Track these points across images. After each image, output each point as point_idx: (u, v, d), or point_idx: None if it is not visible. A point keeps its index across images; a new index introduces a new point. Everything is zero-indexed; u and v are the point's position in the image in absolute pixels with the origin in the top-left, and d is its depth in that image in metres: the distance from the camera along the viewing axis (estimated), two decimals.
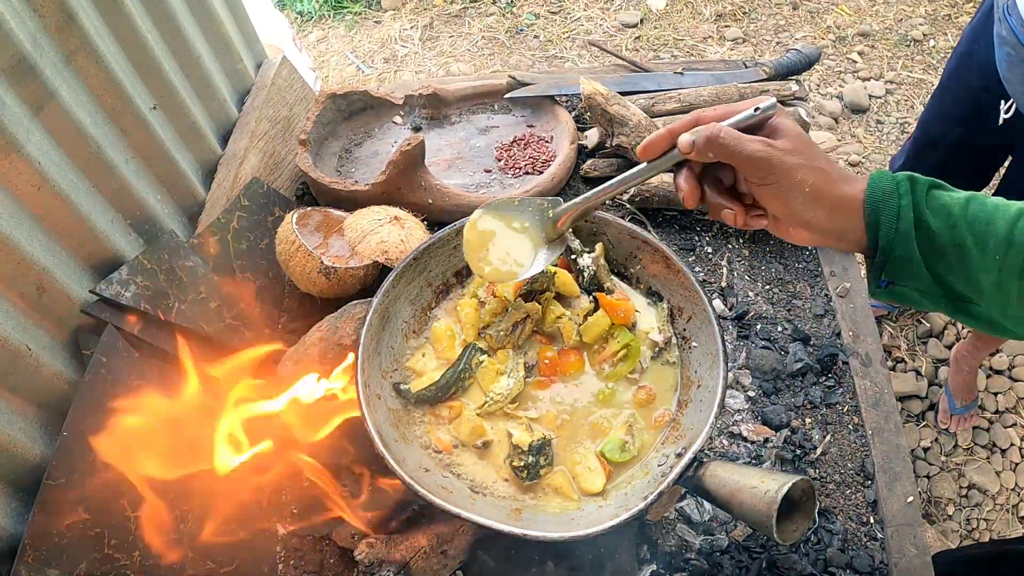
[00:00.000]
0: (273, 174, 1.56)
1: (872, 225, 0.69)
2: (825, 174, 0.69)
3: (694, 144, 0.70)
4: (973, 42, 1.53)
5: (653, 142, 0.74)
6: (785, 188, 0.69)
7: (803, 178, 0.68)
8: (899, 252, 0.68)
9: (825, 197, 0.69)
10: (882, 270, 0.70)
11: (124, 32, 1.24)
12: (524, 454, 0.97)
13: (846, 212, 0.70)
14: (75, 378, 1.05)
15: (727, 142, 0.68)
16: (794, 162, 0.68)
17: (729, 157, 0.69)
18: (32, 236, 1.01)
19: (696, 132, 0.70)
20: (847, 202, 0.69)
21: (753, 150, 0.68)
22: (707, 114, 0.73)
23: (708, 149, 0.70)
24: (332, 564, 1.08)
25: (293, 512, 1.14)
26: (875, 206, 0.69)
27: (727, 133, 0.69)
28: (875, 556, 1.07)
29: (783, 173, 0.68)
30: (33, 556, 0.89)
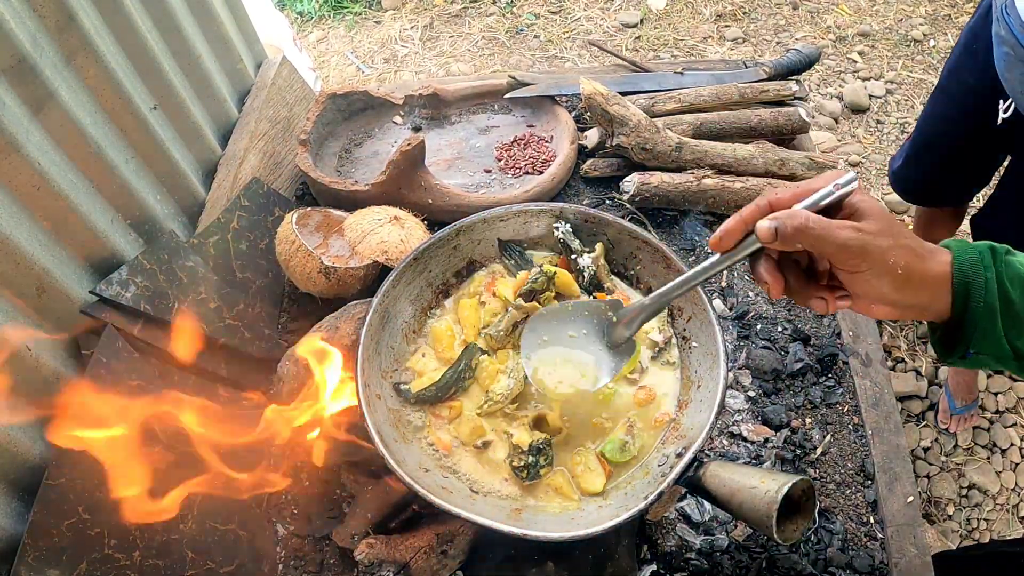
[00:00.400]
0: (273, 174, 1.56)
1: (961, 299, 0.67)
2: (914, 252, 0.66)
3: (777, 233, 0.66)
4: (971, 42, 1.53)
5: (727, 232, 0.70)
6: (876, 272, 0.66)
7: (895, 260, 0.65)
8: (984, 324, 0.67)
9: (915, 276, 0.66)
10: (969, 342, 0.68)
11: (124, 32, 1.24)
12: (524, 454, 0.97)
13: (934, 288, 0.67)
14: (75, 378, 1.05)
15: (817, 232, 0.64)
16: (886, 244, 0.65)
17: (819, 246, 0.65)
18: (32, 236, 1.01)
19: (777, 219, 0.66)
20: (935, 278, 0.67)
21: (846, 239, 0.64)
22: (782, 196, 0.69)
23: (796, 239, 0.65)
24: (332, 564, 1.08)
25: (293, 512, 1.14)
26: (964, 281, 0.67)
27: (815, 221, 0.65)
28: (875, 556, 1.07)
29: (876, 258, 0.65)
30: (33, 556, 0.89)
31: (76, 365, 1.08)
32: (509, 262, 1.17)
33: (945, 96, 1.68)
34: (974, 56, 1.52)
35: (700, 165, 1.44)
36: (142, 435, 0.98)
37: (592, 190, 1.54)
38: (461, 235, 1.15)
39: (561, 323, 0.97)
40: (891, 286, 0.66)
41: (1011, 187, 1.65)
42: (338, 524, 1.08)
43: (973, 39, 1.52)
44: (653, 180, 1.41)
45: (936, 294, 0.68)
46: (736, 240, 0.70)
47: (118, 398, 0.99)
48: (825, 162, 1.45)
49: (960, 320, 0.68)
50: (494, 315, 1.11)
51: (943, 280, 0.67)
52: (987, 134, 1.58)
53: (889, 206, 2.67)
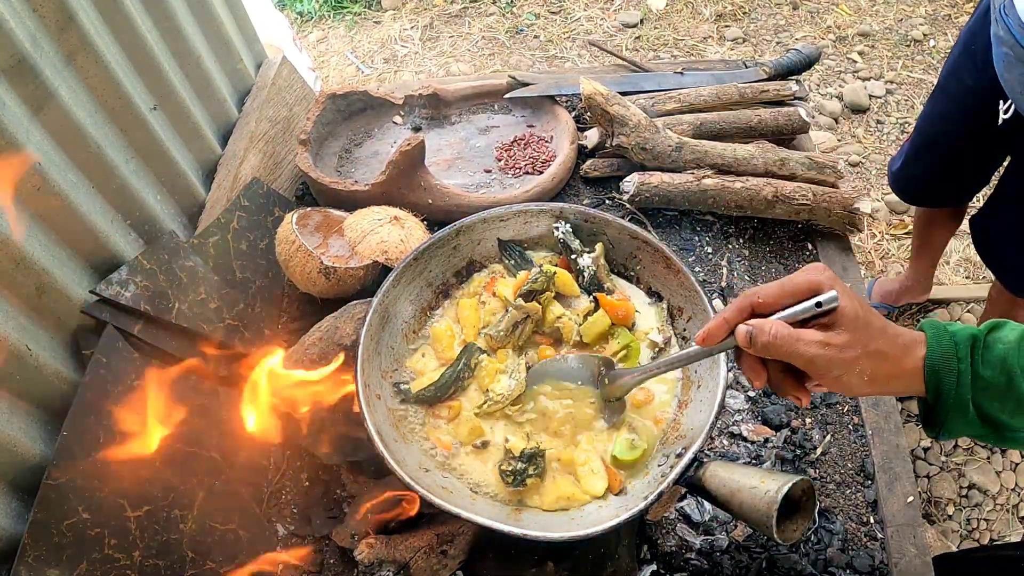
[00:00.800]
0: (273, 174, 1.56)
1: (932, 391, 0.71)
2: (883, 356, 0.70)
3: (751, 340, 0.71)
4: (970, 43, 1.53)
5: (712, 333, 0.75)
6: (845, 380, 0.70)
7: (862, 369, 0.69)
8: (957, 414, 0.71)
9: (882, 379, 0.70)
10: (941, 427, 0.73)
11: (124, 32, 1.24)
12: (515, 460, 0.96)
13: (906, 381, 0.72)
14: (75, 378, 1.05)
15: (783, 348, 0.69)
16: (851, 356, 0.69)
17: (785, 359, 0.70)
18: (32, 236, 1.01)
19: (752, 327, 0.71)
20: (907, 374, 0.71)
21: (811, 354, 0.69)
22: (762, 301, 0.73)
23: (764, 353, 0.71)
24: (332, 564, 1.08)
25: (293, 512, 1.14)
26: (936, 377, 0.71)
27: (782, 338, 0.69)
28: (875, 556, 1.07)
29: (841, 369, 0.69)
30: (33, 556, 0.89)
31: (76, 365, 1.08)
32: (509, 262, 1.17)
33: (944, 97, 1.68)
34: (973, 57, 1.52)
35: (700, 165, 1.44)
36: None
37: (592, 190, 1.54)
38: (461, 235, 1.15)
39: (559, 375, 1.04)
40: (860, 386, 0.71)
41: (1010, 187, 1.65)
42: (338, 524, 1.08)
43: (972, 40, 1.52)
44: (653, 180, 1.41)
45: (909, 385, 0.72)
46: (719, 340, 0.75)
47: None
48: (825, 162, 1.45)
49: (934, 405, 0.72)
50: (494, 315, 1.11)
51: (915, 374, 0.71)
52: (986, 135, 1.57)
53: (889, 206, 2.67)
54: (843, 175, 1.47)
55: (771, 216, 1.43)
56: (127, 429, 1.02)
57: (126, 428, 1.02)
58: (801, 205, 1.39)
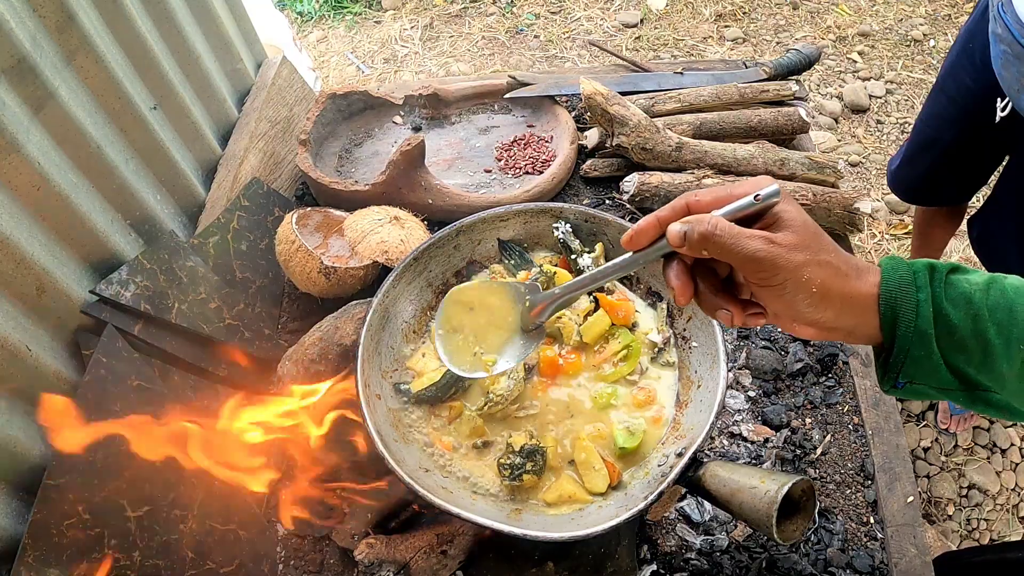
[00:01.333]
0: (273, 174, 1.56)
1: (888, 323, 0.63)
2: (834, 269, 0.62)
3: (685, 237, 0.63)
4: (968, 41, 1.53)
5: (640, 231, 0.67)
6: (790, 289, 0.61)
7: (810, 277, 0.61)
8: (917, 352, 0.62)
9: (834, 295, 0.62)
10: (899, 371, 0.64)
11: (124, 32, 1.24)
12: (514, 454, 0.97)
13: (858, 309, 0.63)
14: (75, 378, 1.05)
15: (724, 240, 0.61)
16: (800, 259, 0.60)
17: (726, 256, 0.62)
18: (32, 236, 1.01)
19: (688, 223, 0.63)
20: (859, 298, 0.63)
21: (754, 249, 0.60)
22: (700, 200, 0.65)
23: (702, 246, 0.62)
24: (332, 564, 1.08)
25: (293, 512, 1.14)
26: (891, 302, 0.62)
27: (723, 229, 0.61)
28: (875, 556, 1.07)
29: (788, 273, 0.60)
30: (33, 556, 0.88)
31: (76, 365, 1.08)
32: (509, 262, 1.17)
33: (943, 96, 1.68)
34: (971, 56, 1.52)
35: (700, 165, 1.44)
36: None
37: (592, 190, 1.54)
38: (461, 235, 1.15)
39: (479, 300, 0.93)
40: (807, 304, 0.62)
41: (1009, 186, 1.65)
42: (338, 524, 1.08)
43: (970, 39, 1.52)
44: (653, 180, 1.41)
45: (861, 316, 0.63)
46: (649, 240, 0.67)
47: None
48: (825, 162, 1.45)
49: (890, 346, 0.63)
50: None
51: (868, 301, 0.63)
52: (985, 134, 1.58)
53: (889, 206, 2.67)
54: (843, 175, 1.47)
55: None
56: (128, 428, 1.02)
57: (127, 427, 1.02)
58: (801, 205, 1.39)
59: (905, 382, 0.65)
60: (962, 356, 0.62)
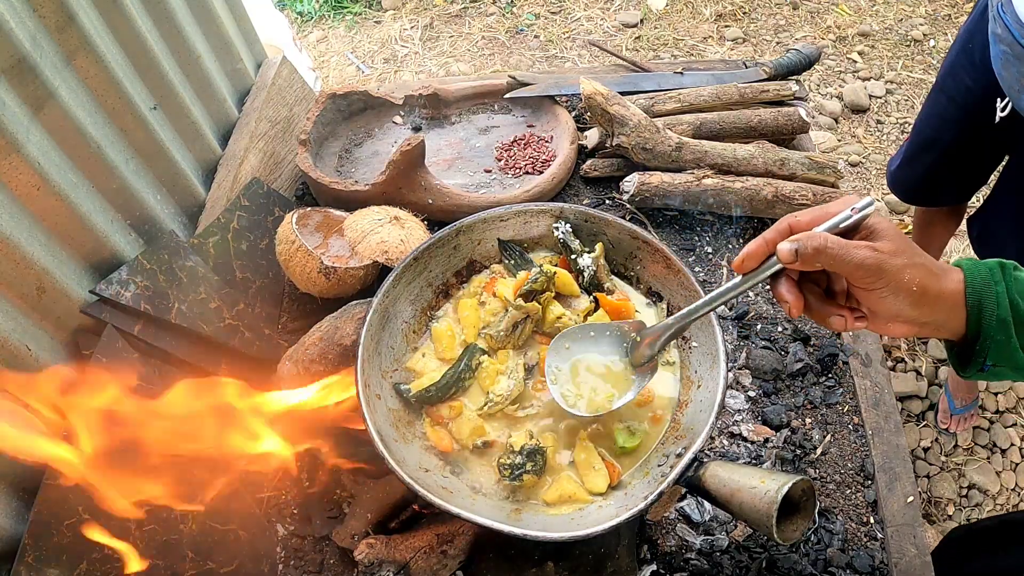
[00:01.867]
0: (273, 174, 1.56)
1: (975, 313, 0.71)
2: (927, 270, 0.70)
3: (798, 254, 0.69)
4: (968, 41, 1.53)
5: (750, 254, 0.73)
6: (893, 290, 0.69)
7: (910, 278, 0.68)
8: (1000, 337, 0.70)
9: (931, 293, 0.70)
10: (986, 355, 0.72)
11: (124, 32, 1.24)
12: (514, 454, 0.97)
13: (948, 305, 0.71)
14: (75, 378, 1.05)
15: (835, 251, 0.68)
16: (900, 263, 0.68)
17: (837, 266, 0.69)
18: (32, 236, 1.01)
19: (798, 241, 0.69)
20: (949, 295, 0.71)
21: (863, 257, 0.67)
22: (801, 219, 0.72)
23: (815, 259, 0.69)
24: (332, 564, 1.08)
25: (293, 512, 1.14)
26: (977, 296, 0.71)
27: (834, 242, 0.68)
28: (875, 556, 1.07)
29: (891, 276, 0.68)
30: (33, 556, 0.89)
31: (76, 365, 1.08)
32: (509, 262, 1.17)
33: (943, 96, 1.68)
34: (971, 56, 1.52)
35: (700, 165, 1.44)
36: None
37: (592, 190, 1.54)
38: (461, 235, 1.15)
39: (584, 343, 0.99)
40: (907, 303, 0.69)
41: (1009, 186, 1.65)
42: (338, 524, 1.08)
43: (970, 39, 1.52)
44: (653, 180, 1.41)
45: (951, 311, 0.71)
46: (759, 261, 0.73)
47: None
48: (825, 162, 1.45)
49: (975, 335, 0.71)
50: (494, 315, 1.11)
51: (957, 297, 0.71)
52: (985, 133, 1.58)
53: (889, 206, 2.67)
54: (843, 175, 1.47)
55: (771, 216, 1.43)
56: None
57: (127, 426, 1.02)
58: (801, 205, 1.39)
59: (991, 365, 0.73)
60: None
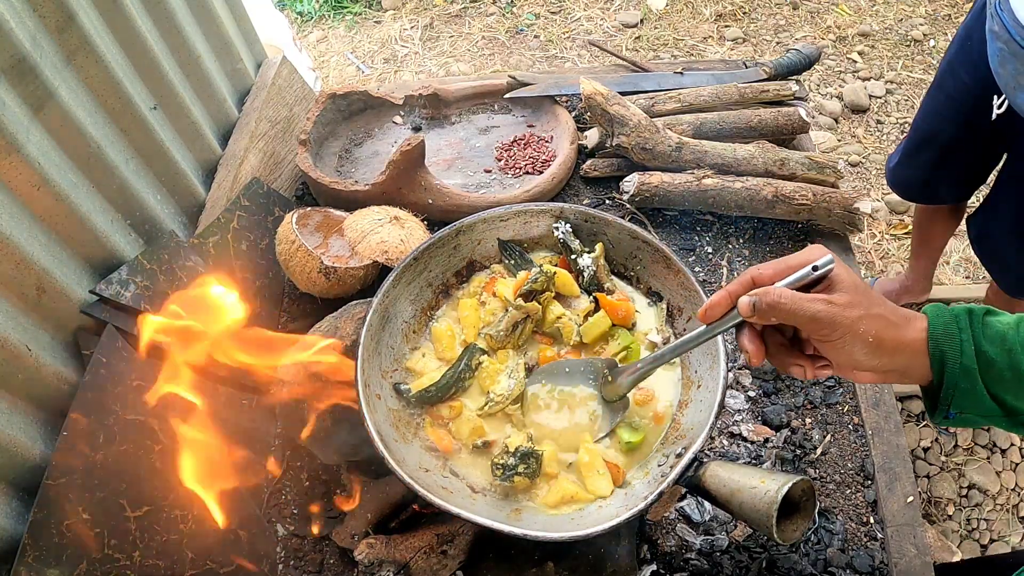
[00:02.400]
0: (273, 174, 1.56)
1: (937, 362, 0.71)
2: (885, 321, 0.70)
3: (755, 307, 0.71)
4: (966, 40, 1.53)
5: (713, 305, 0.76)
6: (849, 342, 0.70)
7: (865, 330, 0.69)
8: (964, 385, 0.71)
9: (888, 344, 0.70)
10: (950, 403, 0.73)
11: (124, 32, 1.24)
12: (508, 454, 0.96)
13: (909, 353, 0.72)
14: (75, 378, 1.05)
15: (788, 306, 0.69)
16: (855, 315, 0.69)
17: (791, 319, 0.70)
18: (32, 236, 1.01)
19: (755, 295, 0.71)
20: (910, 344, 0.71)
21: (815, 311, 0.69)
22: (763, 273, 0.74)
23: (771, 313, 0.70)
24: (332, 564, 1.08)
25: (293, 512, 1.14)
26: (938, 345, 0.71)
27: (787, 297, 0.69)
28: (875, 556, 1.07)
29: (845, 328, 0.69)
30: (33, 556, 0.89)
31: (76, 365, 1.08)
32: (509, 262, 1.17)
33: (941, 94, 1.68)
34: (969, 53, 1.52)
35: (700, 165, 1.44)
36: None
37: (592, 190, 1.54)
38: (461, 235, 1.15)
39: (560, 379, 1.04)
40: (864, 354, 0.70)
41: (1007, 186, 1.65)
42: (338, 524, 1.08)
43: (967, 36, 1.52)
44: (653, 180, 1.41)
45: (912, 358, 0.72)
46: (722, 312, 0.76)
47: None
48: (825, 162, 1.45)
49: (940, 383, 0.72)
50: (494, 315, 1.11)
51: (919, 345, 0.71)
52: (983, 131, 1.58)
53: (889, 206, 2.67)
54: (843, 175, 1.47)
55: (771, 216, 1.43)
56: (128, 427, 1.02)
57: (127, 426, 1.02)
58: (801, 205, 1.39)
59: (956, 413, 0.73)
60: (1000, 386, 0.71)
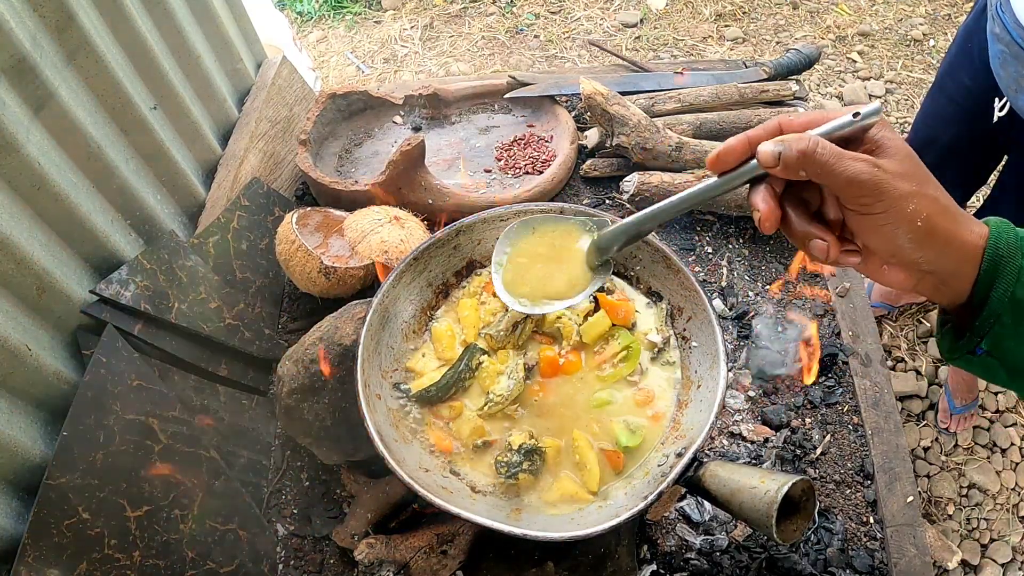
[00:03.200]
0: (273, 174, 1.56)
1: (986, 281, 0.58)
2: (940, 206, 0.57)
3: (780, 157, 0.57)
4: (967, 41, 1.53)
5: (728, 150, 0.61)
6: (893, 220, 0.56)
7: (916, 209, 0.55)
8: (1007, 319, 0.58)
9: (939, 234, 0.57)
10: (983, 336, 0.59)
11: (124, 32, 1.24)
12: (511, 452, 0.97)
13: (959, 256, 0.58)
14: (75, 378, 1.05)
15: (824, 158, 0.55)
16: (906, 189, 0.55)
17: (825, 177, 0.56)
18: (32, 236, 1.01)
19: (783, 142, 0.57)
20: (963, 245, 0.58)
21: (857, 171, 0.55)
22: (793, 120, 0.60)
23: (800, 166, 0.56)
24: (332, 564, 1.09)
25: (293, 512, 1.14)
26: (995, 259, 0.57)
27: (825, 148, 0.55)
28: (875, 556, 1.07)
29: (893, 202, 0.55)
30: (33, 556, 0.89)
31: (76, 365, 1.08)
32: None
33: (942, 96, 1.68)
34: (969, 55, 1.52)
35: (700, 165, 1.44)
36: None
37: (592, 190, 1.54)
38: (461, 235, 1.15)
39: (540, 234, 0.90)
40: (909, 240, 0.56)
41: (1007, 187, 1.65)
42: (338, 524, 1.08)
43: (968, 38, 1.52)
44: (653, 180, 1.41)
45: (960, 263, 0.58)
46: (737, 160, 0.61)
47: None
48: None
49: (980, 306, 0.59)
50: (494, 315, 1.11)
51: (972, 251, 0.58)
52: (984, 133, 1.58)
53: None
54: None
55: None
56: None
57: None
58: None
59: (985, 351, 0.60)
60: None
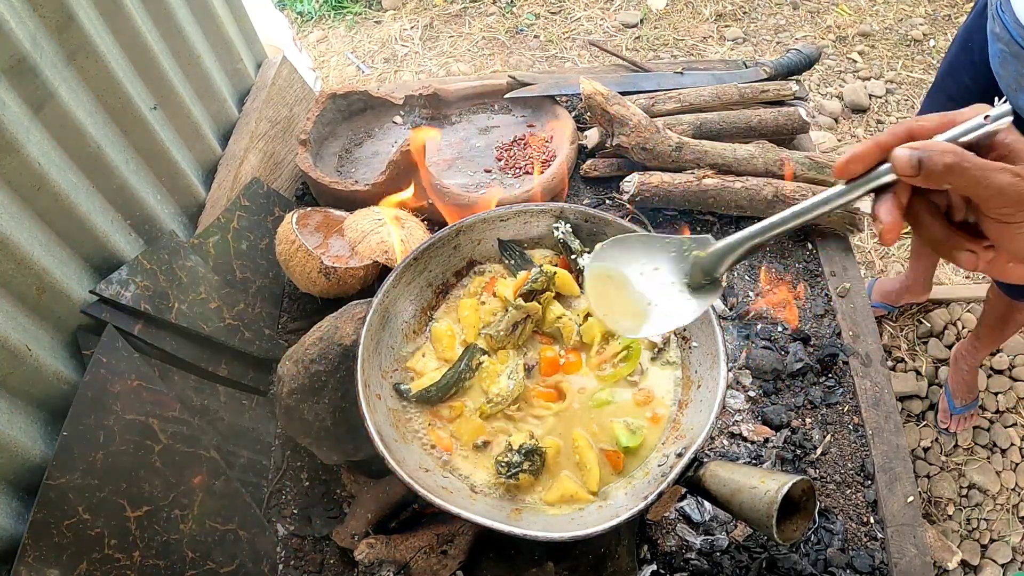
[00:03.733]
0: (273, 174, 1.56)
1: None
2: None
3: (922, 166, 0.54)
4: (967, 40, 1.53)
5: (857, 156, 0.58)
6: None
7: None
8: None
9: None
10: None
11: (124, 32, 1.24)
12: (512, 452, 0.97)
13: None
14: (75, 378, 1.05)
15: (972, 172, 0.53)
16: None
17: (971, 189, 0.54)
18: (32, 236, 1.01)
19: (924, 149, 0.54)
20: None
21: (1006, 183, 0.53)
22: (925, 124, 0.57)
23: (945, 178, 0.54)
24: (332, 564, 1.09)
25: (293, 512, 1.14)
26: None
27: (971, 160, 0.53)
28: (875, 556, 1.07)
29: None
30: (33, 556, 0.89)
31: (76, 365, 1.08)
32: (509, 262, 1.17)
33: (942, 96, 1.68)
34: (970, 54, 1.52)
35: (700, 165, 1.44)
36: None
37: (592, 190, 1.54)
38: (461, 235, 1.15)
39: (632, 254, 0.79)
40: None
41: None
42: (338, 524, 1.08)
43: (968, 37, 1.52)
44: (653, 180, 1.41)
45: None
46: (866, 167, 0.58)
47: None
48: (825, 162, 1.45)
49: None
50: (494, 315, 1.11)
51: None
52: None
53: None
54: None
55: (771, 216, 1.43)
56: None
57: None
58: None
59: None
60: None
